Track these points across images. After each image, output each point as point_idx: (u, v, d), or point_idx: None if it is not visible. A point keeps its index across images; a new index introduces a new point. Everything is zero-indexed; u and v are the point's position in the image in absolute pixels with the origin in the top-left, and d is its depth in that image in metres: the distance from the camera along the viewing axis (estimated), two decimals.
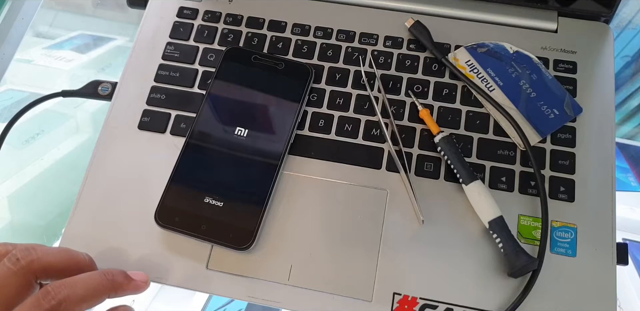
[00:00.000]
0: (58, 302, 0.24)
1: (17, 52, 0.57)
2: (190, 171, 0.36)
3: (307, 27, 0.43)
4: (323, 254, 0.35)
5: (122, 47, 0.70)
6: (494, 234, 0.34)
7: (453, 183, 0.37)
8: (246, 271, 0.34)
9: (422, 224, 0.36)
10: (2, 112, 0.58)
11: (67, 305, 0.24)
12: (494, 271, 0.34)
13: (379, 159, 0.38)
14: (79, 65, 0.65)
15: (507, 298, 0.34)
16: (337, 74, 0.41)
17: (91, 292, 0.26)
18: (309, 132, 0.39)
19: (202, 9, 0.44)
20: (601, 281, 0.34)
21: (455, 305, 0.33)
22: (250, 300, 0.34)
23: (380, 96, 0.40)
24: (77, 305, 0.25)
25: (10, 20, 0.57)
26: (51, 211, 0.56)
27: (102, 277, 0.27)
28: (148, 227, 0.35)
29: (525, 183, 0.37)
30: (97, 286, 0.27)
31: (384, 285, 0.34)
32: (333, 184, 0.37)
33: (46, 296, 0.24)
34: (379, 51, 0.42)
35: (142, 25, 0.44)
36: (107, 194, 0.37)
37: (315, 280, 0.34)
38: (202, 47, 0.42)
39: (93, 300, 0.26)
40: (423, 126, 0.39)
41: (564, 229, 0.35)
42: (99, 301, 0.27)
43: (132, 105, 0.40)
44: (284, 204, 0.36)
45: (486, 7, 0.43)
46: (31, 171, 0.56)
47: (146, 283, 0.31)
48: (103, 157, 0.39)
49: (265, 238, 0.35)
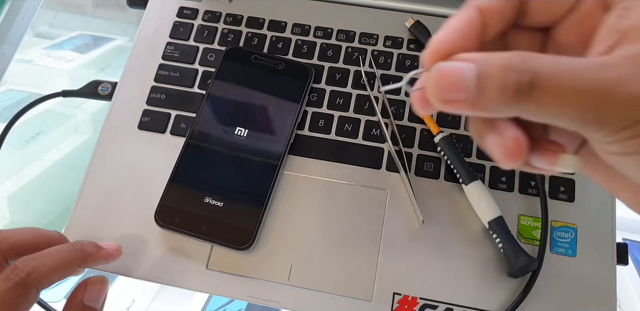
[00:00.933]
0: (27, 274, 0.24)
1: (17, 52, 0.57)
2: (190, 171, 0.36)
3: (307, 27, 0.43)
4: (323, 254, 0.35)
5: (122, 47, 0.70)
6: (494, 234, 0.34)
7: (453, 183, 0.37)
8: (246, 271, 0.34)
9: (422, 224, 0.35)
10: (2, 112, 0.58)
11: (36, 275, 0.24)
12: (494, 271, 0.34)
13: (379, 159, 0.38)
14: (79, 65, 0.65)
15: (507, 298, 0.34)
16: (337, 74, 0.41)
17: (60, 262, 0.26)
18: (309, 132, 0.39)
19: (202, 9, 0.44)
20: (601, 281, 0.34)
21: (455, 305, 0.33)
22: (250, 300, 0.34)
23: (380, 96, 0.40)
24: (47, 276, 0.25)
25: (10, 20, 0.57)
26: (51, 211, 0.56)
27: (70, 248, 0.27)
28: (148, 227, 0.35)
29: (525, 183, 0.37)
30: (65, 256, 0.27)
31: (384, 285, 0.34)
32: (333, 184, 0.37)
33: (14, 270, 0.24)
34: (379, 51, 0.42)
35: (142, 25, 0.44)
36: (107, 194, 0.37)
37: (315, 280, 0.34)
38: (202, 47, 0.42)
39: (63, 271, 0.26)
40: (423, 126, 0.39)
41: (564, 229, 0.35)
42: (69, 271, 0.27)
43: (132, 105, 0.40)
44: (284, 204, 0.36)
45: None
46: (31, 171, 0.56)
47: (117, 251, 0.31)
48: (103, 157, 0.39)
49: (265, 238, 0.35)
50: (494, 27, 0.18)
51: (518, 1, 0.18)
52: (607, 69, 0.14)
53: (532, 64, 0.14)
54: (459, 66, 0.15)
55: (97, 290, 0.28)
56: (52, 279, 0.25)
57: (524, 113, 0.15)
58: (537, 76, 0.14)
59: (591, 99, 0.14)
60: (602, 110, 0.14)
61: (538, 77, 0.14)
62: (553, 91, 0.14)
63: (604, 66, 0.14)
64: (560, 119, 0.15)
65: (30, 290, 0.24)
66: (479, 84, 0.15)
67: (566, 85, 0.14)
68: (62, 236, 0.30)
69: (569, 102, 0.14)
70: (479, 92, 0.15)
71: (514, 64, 0.14)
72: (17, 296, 0.24)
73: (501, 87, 0.14)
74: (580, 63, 0.14)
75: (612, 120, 0.14)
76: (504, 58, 0.15)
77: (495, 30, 0.18)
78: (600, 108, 0.14)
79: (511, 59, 0.14)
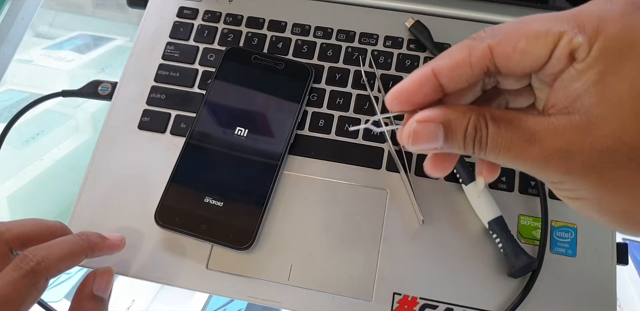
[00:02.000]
0: (36, 263, 0.25)
1: (17, 52, 0.57)
2: (190, 171, 0.36)
3: (307, 27, 0.43)
4: (323, 254, 0.35)
5: (122, 47, 0.70)
6: (494, 235, 0.34)
7: (453, 183, 0.37)
8: (246, 271, 0.34)
9: (422, 224, 0.35)
10: (2, 112, 0.58)
11: (45, 264, 0.25)
12: (494, 271, 0.34)
13: (379, 159, 0.38)
14: (79, 65, 0.65)
15: (507, 298, 0.34)
16: (337, 74, 0.41)
17: (67, 252, 0.27)
18: (309, 132, 0.39)
19: (202, 9, 0.44)
20: (601, 281, 0.34)
21: (455, 305, 0.33)
22: (250, 300, 0.34)
23: (380, 96, 0.40)
24: (56, 265, 0.26)
25: (10, 20, 0.57)
26: (51, 211, 0.56)
27: (76, 238, 0.28)
28: (148, 227, 0.35)
29: (525, 183, 0.37)
30: (72, 246, 0.27)
31: (384, 285, 0.34)
32: (333, 184, 0.37)
33: (24, 260, 0.25)
34: (379, 51, 0.42)
35: (142, 25, 0.44)
36: (107, 195, 0.37)
37: (315, 280, 0.34)
38: (202, 47, 0.42)
39: (71, 260, 0.27)
40: None
41: (564, 229, 0.35)
42: (76, 260, 0.28)
43: (132, 105, 0.40)
44: (284, 204, 0.36)
45: (486, 7, 0.43)
46: (31, 171, 0.56)
47: (121, 241, 0.32)
48: (103, 157, 0.39)
49: (265, 238, 0.35)
50: (452, 85, 0.20)
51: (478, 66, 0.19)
52: (533, 144, 0.18)
53: (483, 136, 0.19)
54: (428, 127, 0.19)
55: (106, 281, 0.29)
56: (60, 268, 0.26)
57: (482, 157, 0.19)
58: (484, 146, 0.19)
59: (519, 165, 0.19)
60: (531, 172, 0.19)
61: (486, 147, 0.19)
62: (494, 156, 0.19)
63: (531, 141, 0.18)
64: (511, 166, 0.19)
65: (40, 278, 0.25)
66: (445, 142, 0.19)
67: (503, 153, 0.18)
68: (64, 226, 0.31)
69: (507, 163, 0.19)
70: (445, 146, 0.19)
71: (471, 135, 0.19)
72: (28, 284, 0.24)
73: (462, 147, 0.19)
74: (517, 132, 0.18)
75: (541, 179, 0.20)
76: (464, 126, 0.19)
77: (456, 86, 0.20)
78: (529, 171, 0.19)
79: (470, 132, 0.19)
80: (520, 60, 0.18)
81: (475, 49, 0.19)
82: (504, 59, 0.18)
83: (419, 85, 0.20)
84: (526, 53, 0.18)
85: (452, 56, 0.19)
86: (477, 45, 0.19)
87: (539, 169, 0.18)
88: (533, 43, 0.17)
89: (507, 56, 0.18)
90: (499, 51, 0.18)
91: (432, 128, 0.19)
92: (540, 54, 0.18)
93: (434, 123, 0.19)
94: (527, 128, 0.18)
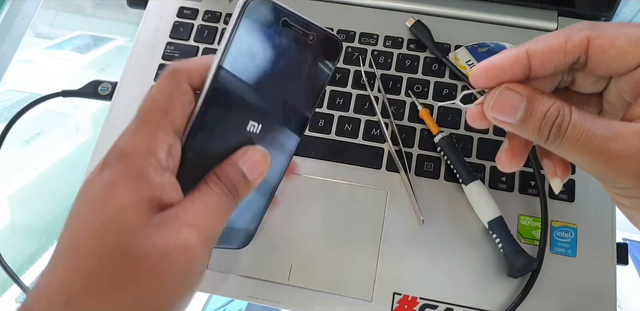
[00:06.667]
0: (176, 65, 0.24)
1: (17, 52, 0.57)
2: (190, 170, 0.36)
3: None
4: (323, 254, 0.35)
5: (122, 47, 0.70)
6: (494, 234, 0.34)
7: (453, 183, 0.37)
8: (246, 271, 0.34)
9: (422, 224, 0.35)
10: (2, 112, 0.58)
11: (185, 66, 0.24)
12: (494, 271, 0.34)
13: (379, 159, 0.38)
14: (79, 65, 0.65)
15: (507, 298, 0.34)
16: (337, 73, 0.41)
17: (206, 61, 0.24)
18: (309, 132, 0.39)
19: (202, 8, 0.44)
20: (601, 281, 0.34)
21: (455, 305, 0.33)
22: (250, 300, 0.34)
23: (380, 96, 0.40)
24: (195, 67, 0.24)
25: (10, 20, 0.57)
26: (51, 211, 0.56)
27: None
28: None
29: (525, 183, 0.37)
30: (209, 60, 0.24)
31: (384, 285, 0.34)
32: (333, 184, 0.37)
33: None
34: (379, 51, 0.42)
35: (142, 25, 0.44)
36: None
37: (315, 280, 0.34)
38: (202, 47, 0.42)
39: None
40: (423, 126, 0.39)
41: (564, 229, 0.35)
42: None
43: (132, 105, 0.40)
44: (284, 204, 0.36)
45: (487, 7, 0.43)
46: (31, 171, 0.56)
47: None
48: None
49: (265, 238, 0.35)
50: (541, 69, 0.20)
51: (572, 54, 0.19)
52: (616, 141, 0.17)
53: (565, 121, 0.18)
54: (514, 97, 0.19)
55: (256, 161, 0.26)
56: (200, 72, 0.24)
57: (548, 148, 0.19)
58: (564, 132, 0.18)
59: (594, 160, 0.18)
60: (601, 172, 0.19)
61: (565, 134, 0.18)
62: (571, 146, 0.18)
63: (614, 138, 0.17)
64: (576, 164, 0.19)
65: (181, 78, 0.23)
66: (524, 119, 0.19)
67: (582, 143, 0.18)
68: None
69: (579, 157, 0.19)
70: (521, 123, 0.19)
71: (552, 115, 0.18)
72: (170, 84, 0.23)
73: (537, 129, 0.19)
74: (600, 127, 0.18)
75: (607, 182, 0.19)
76: (547, 107, 0.19)
77: (544, 71, 0.20)
78: (600, 170, 0.19)
79: (552, 113, 0.19)
80: (614, 57, 0.18)
81: (573, 37, 0.19)
82: (598, 52, 0.19)
83: (511, 63, 0.20)
84: (622, 52, 0.18)
85: (548, 41, 0.19)
86: (576, 34, 0.19)
87: (612, 168, 0.18)
88: (632, 45, 0.18)
89: (603, 50, 0.18)
90: (596, 43, 0.18)
91: (517, 99, 0.19)
92: (634, 58, 0.18)
93: (520, 95, 0.19)
94: (611, 126, 0.18)
